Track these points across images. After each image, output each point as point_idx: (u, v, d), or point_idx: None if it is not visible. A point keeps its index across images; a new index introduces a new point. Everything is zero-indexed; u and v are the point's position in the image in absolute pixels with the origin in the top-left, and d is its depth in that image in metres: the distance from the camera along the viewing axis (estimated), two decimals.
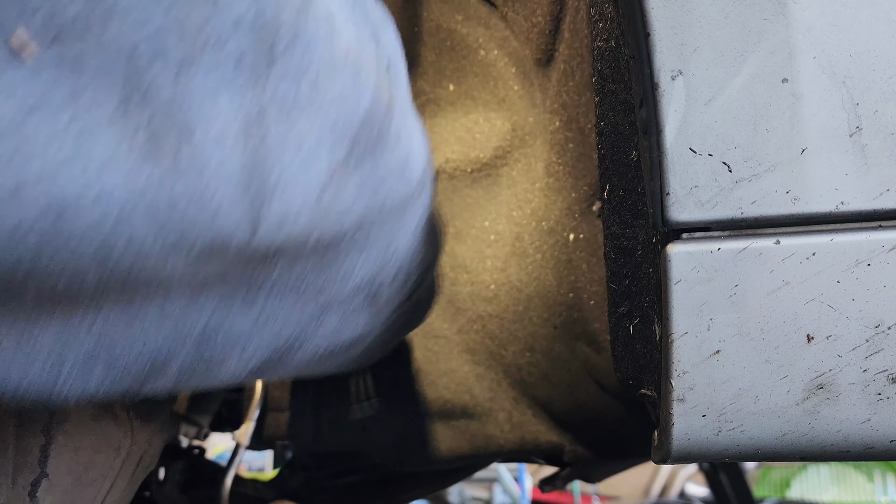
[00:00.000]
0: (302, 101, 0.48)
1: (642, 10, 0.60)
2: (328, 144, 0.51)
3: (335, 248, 0.56)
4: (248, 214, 0.47)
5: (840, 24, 0.59)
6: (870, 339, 0.59)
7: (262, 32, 0.45)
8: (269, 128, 0.46)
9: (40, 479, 0.63)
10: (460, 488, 3.71)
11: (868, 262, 0.59)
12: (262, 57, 0.45)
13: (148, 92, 0.40)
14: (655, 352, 0.66)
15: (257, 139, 0.46)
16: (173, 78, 0.41)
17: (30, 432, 0.63)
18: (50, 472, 0.64)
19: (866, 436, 0.60)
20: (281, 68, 0.46)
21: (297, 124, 0.48)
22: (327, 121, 0.51)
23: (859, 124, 0.59)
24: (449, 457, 1.12)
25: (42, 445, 0.63)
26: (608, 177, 0.72)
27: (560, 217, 0.99)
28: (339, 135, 0.52)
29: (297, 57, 0.48)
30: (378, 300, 0.65)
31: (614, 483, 3.89)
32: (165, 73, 0.41)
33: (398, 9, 1.08)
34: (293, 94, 0.48)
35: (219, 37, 0.43)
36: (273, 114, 0.47)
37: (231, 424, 1.45)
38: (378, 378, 1.13)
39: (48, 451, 0.63)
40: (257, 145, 0.46)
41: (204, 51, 0.42)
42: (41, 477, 0.63)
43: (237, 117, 0.44)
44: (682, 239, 0.61)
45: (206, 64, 0.42)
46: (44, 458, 0.63)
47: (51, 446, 0.64)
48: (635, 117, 0.65)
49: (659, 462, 0.66)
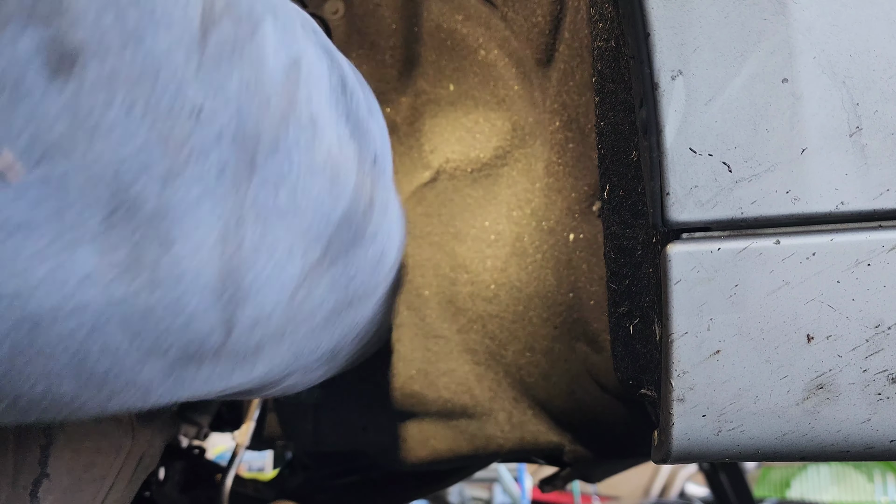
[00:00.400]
0: (280, 207, 0.49)
1: (642, 10, 0.60)
2: (302, 247, 0.52)
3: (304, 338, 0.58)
4: (222, 318, 0.48)
5: (840, 24, 0.59)
6: (870, 339, 0.59)
7: (243, 143, 0.46)
8: (245, 234, 0.47)
9: (41, 478, 0.63)
10: (460, 488, 3.71)
11: (868, 262, 0.59)
12: (243, 166, 0.46)
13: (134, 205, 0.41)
14: (655, 352, 0.66)
15: (234, 246, 0.47)
16: (159, 190, 0.42)
17: (30, 432, 0.63)
18: (50, 472, 0.64)
19: (866, 436, 0.60)
20: (261, 177, 0.47)
21: (274, 230, 0.49)
22: (303, 224, 0.52)
23: (859, 124, 0.59)
24: (449, 457, 1.12)
25: (43, 445, 0.64)
26: (608, 177, 0.72)
27: (560, 217, 0.99)
28: (313, 237, 0.53)
29: (278, 165, 0.48)
30: (337, 357, 0.68)
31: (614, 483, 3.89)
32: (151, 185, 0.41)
33: (398, 9, 1.08)
34: (272, 200, 0.48)
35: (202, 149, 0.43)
36: (251, 220, 0.47)
37: (231, 424, 1.45)
38: None
39: (49, 451, 0.64)
40: (233, 252, 0.47)
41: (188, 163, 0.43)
42: (42, 476, 0.63)
43: (217, 225, 0.45)
44: (682, 239, 0.61)
45: (190, 176, 0.43)
46: (44, 457, 0.64)
47: (51, 446, 0.64)
48: (635, 117, 0.65)
49: (659, 462, 0.66)
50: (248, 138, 0.46)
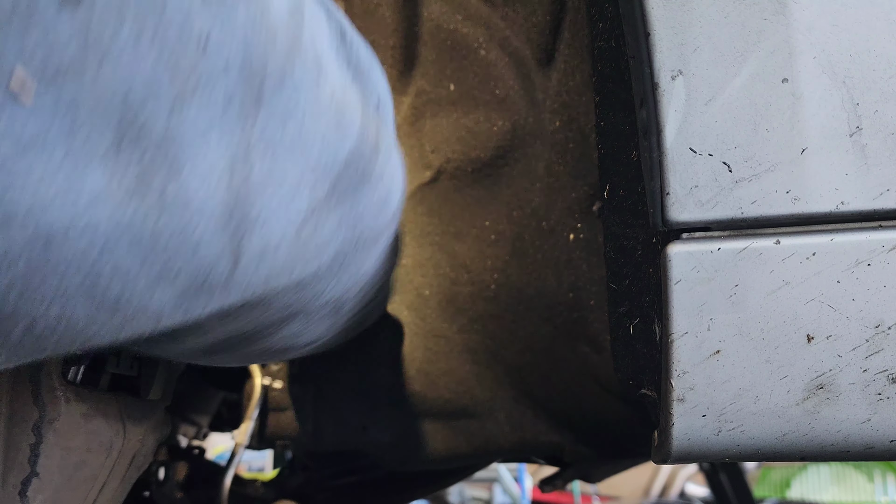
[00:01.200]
0: (287, 141, 0.50)
1: (642, 9, 0.60)
2: (310, 182, 0.53)
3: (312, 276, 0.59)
4: (229, 247, 0.49)
5: (840, 23, 0.59)
6: (870, 339, 0.59)
7: (250, 76, 0.47)
8: (253, 165, 0.48)
9: (30, 478, 0.63)
10: (460, 488, 3.71)
11: (868, 262, 0.58)
12: (250, 99, 0.47)
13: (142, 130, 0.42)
14: (655, 352, 0.66)
15: (241, 176, 0.48)
16: (166, 115, 0.43)
17: (19, 431, 0.63)
18: (40, 471, 0.63)
19: (866, 436, 0.60)
20: (268, 110, 0.48)
21: (281, 163, 0.50)
22: (310, 160, 0.53)
23: (859, 124, 0.59)
24: (449, 457, 1.12)
25: (32, 444, 0.63)
26: (608, 177, 0.72)
27: (560, 217, 0.99)
28: (321, 173, 0.54)
29: (285, 100, 0.49)
30: (341, 311, 0.69)
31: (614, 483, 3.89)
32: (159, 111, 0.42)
33: (398, 8, 1.09)
34: (279, 134, 0.50)
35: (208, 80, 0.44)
36: (258, 152, 0.49)
37: (231, 424, 1.45)
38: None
39: (38, 450, 0.63)
40: (241, 182, 0.48)
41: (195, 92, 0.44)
42: (31, 476, 0.63)
43: (225, 154, 0.46)
44: (683, 239, 0.61)
45: (198, 103, 0.44)
46: (34, 456, 0.63)
47: (41, 445, 0.63)
48: (635, 117, 0.65)
49: (659, 462, 0.66)
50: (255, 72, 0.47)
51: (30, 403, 0.63)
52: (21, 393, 0.63)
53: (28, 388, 0.63)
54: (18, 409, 0.63)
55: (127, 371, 0.75)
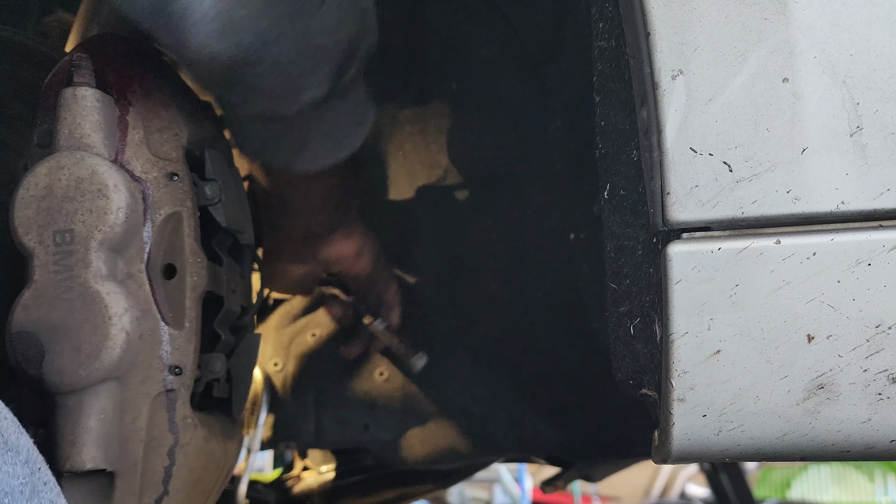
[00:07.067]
0: None
1: (642, 9, 0.60)
2: None
3: None
4: None
5: (840, 23, 0.59)
6: (870, 338, 0.59)
7: None
8: None
9: (162, 497, 0.70)
10: (460, 488, 3.71)
11: (868, 261, 0.58)
12: None
13: None
14: (656, 352, 0.66)
15: None
16: None
17: (156, 455, 0.70)
18: (171, 491, 0.70)
19: (867, 436, 0.60)
20: None
21: None
22: None
23: (860, 124, 0.58)
24: (449, 456, 1.12)
25: (166, 467, 0.70)
26: (608, 176, 0.72)
27: (560, 217, 0.99)
28: None
29: None
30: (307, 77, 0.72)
31: (614, 483, 3.89)
32: None
33: (400, 8, 1.09)
34: None
35: None
36: None
37: None
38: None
39: (171, 471, 0.70)
40: None
41: None
42: (163, 495, 0.70)
43: None
44: (683, 239, 0.61)
45: None
46: (167, 477, 0.70)
47: (173, 467, 0.70)
48: (636, 117, 0.65)
49: (659, 462, 0.66)
50: None
51: (166, 431, 0.70)
52: (158, 422, 0.70)
53: (165, 417, 0.70)
54: (156, 436, 0.70)
55: (224, 394, 0.80)
